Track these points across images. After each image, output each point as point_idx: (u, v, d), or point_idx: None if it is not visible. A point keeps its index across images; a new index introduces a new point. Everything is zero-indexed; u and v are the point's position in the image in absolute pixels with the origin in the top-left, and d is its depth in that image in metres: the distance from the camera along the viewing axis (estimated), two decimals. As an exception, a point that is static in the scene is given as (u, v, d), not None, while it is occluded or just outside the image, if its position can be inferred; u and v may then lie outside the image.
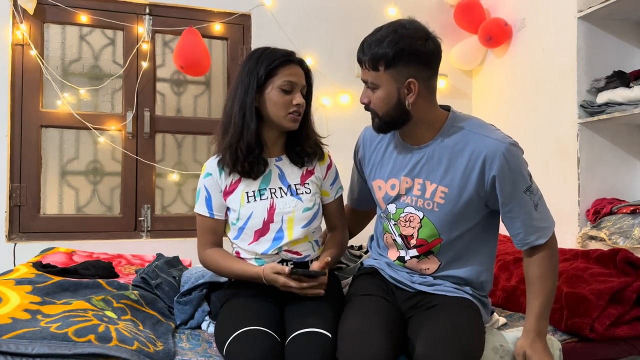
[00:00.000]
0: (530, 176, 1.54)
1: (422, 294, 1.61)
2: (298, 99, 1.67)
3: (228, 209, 1.73)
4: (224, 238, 1.78)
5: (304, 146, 1.74)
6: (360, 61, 1.55)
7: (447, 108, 1.63)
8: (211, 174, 1.71)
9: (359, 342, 1.37)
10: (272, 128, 1.70)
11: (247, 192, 1.69)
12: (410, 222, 1.61)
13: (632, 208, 2.43)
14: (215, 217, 1.72)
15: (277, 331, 1.49)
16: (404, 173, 1.61)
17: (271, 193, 1.70)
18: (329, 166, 1.82)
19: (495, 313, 1.80)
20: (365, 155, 1.76)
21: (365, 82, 1.57)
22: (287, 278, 1.55)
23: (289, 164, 1.75)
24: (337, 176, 1.85)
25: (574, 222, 2.65)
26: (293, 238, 1.68)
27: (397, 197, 1.63)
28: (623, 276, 1.86)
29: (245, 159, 1.65)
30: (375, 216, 1.82)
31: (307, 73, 1.72)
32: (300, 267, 1.68)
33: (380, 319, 1.48)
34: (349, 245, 2.22)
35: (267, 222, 1.67)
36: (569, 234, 2.67)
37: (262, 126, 1.69)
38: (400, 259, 1.67)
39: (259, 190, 1.69)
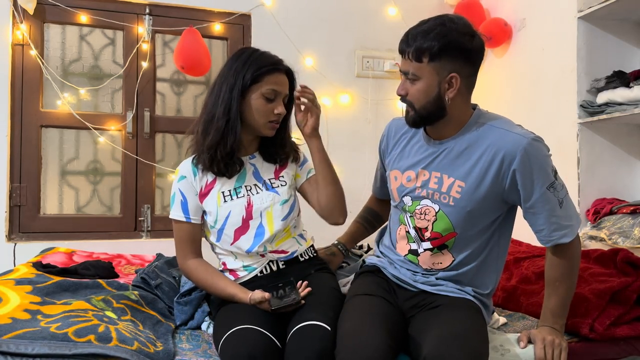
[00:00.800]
0: (555, 172, 1.53)
1: (424, 293, 1.61)
2: (279, 108, 1.67)
3: (204, 212, 1.71)
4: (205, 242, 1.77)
5: (277, 149, 1.76)
6: (402, 51, 1.53)
7: (473, 106, 1.62)
8: (185, 176, 1.70)
9: (357, 342, 1.36)
10: (249, 132, 1.71)
11: (222, 192, 1.69)
12: (425, 214, 1.61)
13: (632, 208, 2.43)
14: (192, 221, 1.69)
15: (273, 331, 1.48)
16: (422, 166, 1.61)
17: (247, 190, 1.71)
18: (301, 161, 1.84)
19: (495, 313, 1.80)
20: (389, 146, 1.75)
21: (405, 73, 1.54)
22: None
23: (262, 161, 1.77)
24: (305, 159, 1.85)
25: (574, 222, 2.65)
26: (274, 232, 1.68)
27: (412, 190, 1.63)
28: (623, 276, 1.85)
29: (222, 160, 1.65)
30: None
31: (292, 82, 1.73)
32: (290, 265, 1.72)
33: (380, 319, 1.48)
34: None
35: (246, 220, 1.68)
36: (569, 234, 2.66)
37: (241, 129, 1.67)
38: (413, 252, 1.65)
39: (235, 188, 1.70)
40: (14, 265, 2.42)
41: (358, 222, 2.01)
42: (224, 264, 1.75)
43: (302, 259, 1.76)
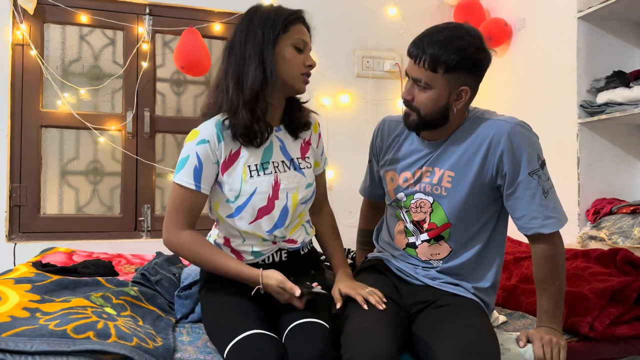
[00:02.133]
0: (543, 163, 1.53)
1: (427, 288, 1.62)
2: (310, 60, 1.57)
3: (220, 184, 1.56)
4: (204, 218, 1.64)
5: (298, 115, 1.64)
6: (416, 56, 1.49)
7: None
8: (208, 140, 1.51)
9: (365, 340, 1.37)
10: (279, 90, 1.56)
11: (249, 166, 1.55)
12: (421, 207, 1.62)
13: (632, 208, 2.43)
14: (202, 190, 1.51)
15: (275, 331, 1.46)
16: (418, 167, 1.63)
17: (274, 167, 1.58)
18: (320, 135, 1.75)
19: (495, 311, 1.80)
20: (383, 145, 1.75)
21: (415, 80, 1.52)
22: (296, 300, 1.47)
23: (287, 135, 1.64)
24: (322, 143, 1.78)
25: (574, 222, 2.65)
26: (295, 212, 1.60)
27: (407, 187, 1.65)
28: (623, 276, 1.86)
29: (262, 118, 1.52)
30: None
31: (310, 36, 1.64)
32: (292, 258, 1.65)
33: (386, 317, 1.48)
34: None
35: (272, 199, 1.55)
36: (569, 234, 2.66)
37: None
38: (411, 245, 1.67)
39: (262, 163, 1.56)
40: (14, 265, 2.42)
41: (362, 250, 2.01)
42: (227, 239, 1.62)
43: (302, 252, 1.69)
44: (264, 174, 1.56)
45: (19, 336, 1.34)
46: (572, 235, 2.66)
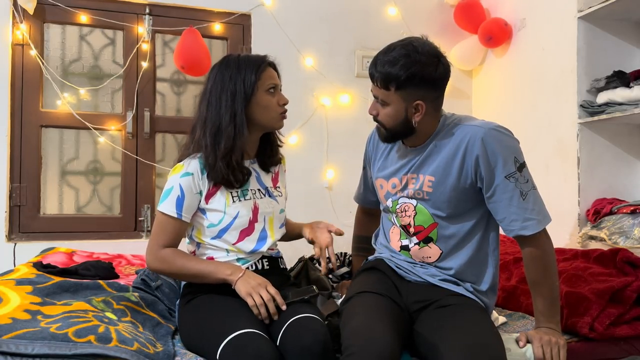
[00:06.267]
0: (521, 165, 1.56)
1: (427, 286, 1.63)
2: (283, 99, 1.73)
3: (202, 210, 1.69)
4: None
5: (273, 149, 1.82)
6: (371, 76, 1.61)
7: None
8: (192, 173, 1.66)
9: (366, 339, 1.38)
10: (256, 131, 1.74)
11: (231, 192, 1.70)
12: (405, 211, 1.68)
13: (632, 208, 2.43)
14: (183, 218, 1.65)
15: (267, 334, 1.48)
16: (403, 172, 1.68)
17: (252, 193, 1.74)
18: (285, 170, 1.92)
19: (494, 312, 1.81)
20: (372, 154, 1.84)
21: (375, 97, 1.63)
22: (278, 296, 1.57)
23: (259, 167, 1.80)
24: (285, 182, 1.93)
25: (574, 222, 2.65)
26: (275, 238, 1.75)
27: (395, 193, 1.70)
28: (623, 276, 1.86)
29: (237, 166, 1.66)
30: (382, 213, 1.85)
31: (278, 74, 1.78)
32: (273, 266, 1.75)
33: (387, 316, 1.50)
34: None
35: (252, 222, 1.71)
36: (569, 234, 2.67)
37: (251, 130, 1.71)
38: (404, 247, 1.71)
39: (242, 191, 1.72)
40: (14, 265, 2.42)
41: (357, 256, 2.05)
42: (210, 259, 1.72)
43: (282, 266, 1.81)
44: (244, 199, 1.71)
45: (20, 339, 1.34)
46: (572, 235, 2.66)
